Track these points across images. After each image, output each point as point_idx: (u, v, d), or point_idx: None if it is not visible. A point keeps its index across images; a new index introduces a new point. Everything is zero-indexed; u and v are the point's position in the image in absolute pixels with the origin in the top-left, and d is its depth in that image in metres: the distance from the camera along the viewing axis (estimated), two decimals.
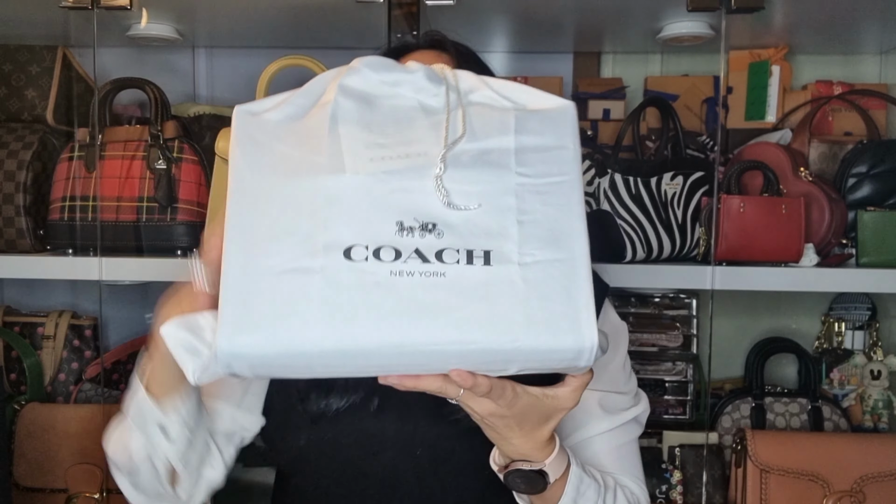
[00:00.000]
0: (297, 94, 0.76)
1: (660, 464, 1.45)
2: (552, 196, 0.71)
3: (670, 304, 1.59)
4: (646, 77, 1.74)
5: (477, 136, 0.72)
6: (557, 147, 0.73)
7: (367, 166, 0.70)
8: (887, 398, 1.56)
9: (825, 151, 1.51)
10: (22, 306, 1.71)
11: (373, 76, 0.75)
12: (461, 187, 0.70)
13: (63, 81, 1.53)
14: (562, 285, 0.69)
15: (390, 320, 0.65)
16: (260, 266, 0.67)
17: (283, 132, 0.73)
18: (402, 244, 0.67)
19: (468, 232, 0.69)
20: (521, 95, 0.77)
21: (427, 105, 0.74)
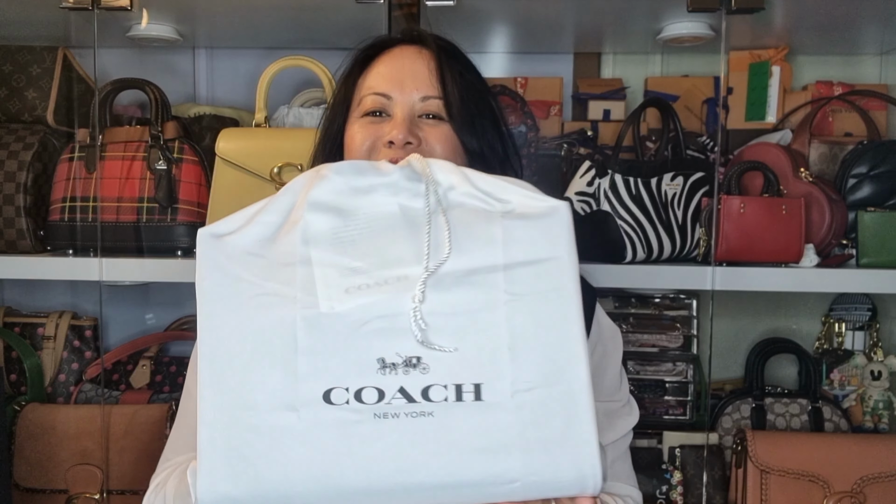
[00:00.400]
0: (265, 209, 0.69)
1: (660, 464, 1.45)
2: (546, 315, 0.65)
3: (670, 304, 1.59)
4: (646, 78, 1.74)
5: (462, 252, 0.65)
6: (550, 258, 0.66)
7: (342, 299, 0.64)
8: (888, 399, 1.56)
9: (825, 152, 1.51)
10: (22, 307, 1.71)
11: (343, 183, 0.68)
12: (444, 314, 0.64)
13: (63, 82, 1.53)
14: (560, 416, 0.63)
15: (377, 466, 0.62)
16: (236, 412, 0.64)
17: (252, 260, 0.67)
18: (385, 383, 0.63)
19: (456, 364, 0.63)
20: (506, 192, 0.69)
21: (408, 209, 0.68)
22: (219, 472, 0.63)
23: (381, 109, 0.91)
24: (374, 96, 0.91)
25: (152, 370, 1.60)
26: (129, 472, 1.42)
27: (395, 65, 0.92)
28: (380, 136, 0.90)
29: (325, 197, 0.68)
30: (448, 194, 0.69)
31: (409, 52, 0.93)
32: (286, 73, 1.39)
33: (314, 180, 0.69)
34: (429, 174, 0.69)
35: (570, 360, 0.65)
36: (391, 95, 0.90)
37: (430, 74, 0.91)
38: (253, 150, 1.33)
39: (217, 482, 0.63)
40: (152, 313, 1.82)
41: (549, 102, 1.66)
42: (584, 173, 1.38)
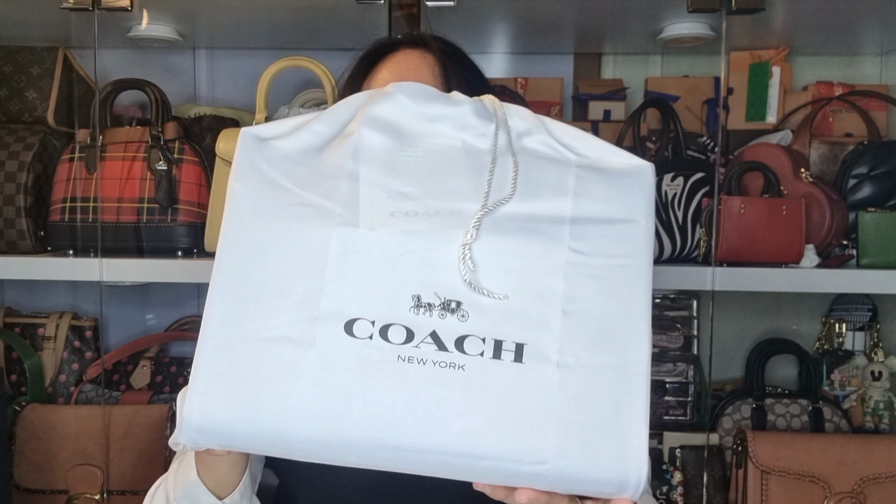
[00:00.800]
0: (317, 118, 0.63)
1: (660, 465, 1.45)
2: (611, 283, 0.57)
3: (671, 304, 1.59)
4: (646, 78, 1.74)
5: (526, 195, 0.58)
6: (625, 220, 0.59)
7: (386, 221, 0.58)
8: (888, 399, 1.56)
9: (826, 152, 1.51)
10: (22, 307, 1.71)
11: (410, 106, 0.62)
12: (498, 260, 0.57)
13: (64, 82, 1.53)
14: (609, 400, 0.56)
15: (391, 416, 0.55)
16: (245, 327, 0.57)
17: (294, 166, 0.61)
18: (417, 324, 0.56)
19: (500, 317, 0.56)
20: (588, 146, 0.62)
21: (472, 146, 0.61)
22: (214, 392, 0.56)
23: None
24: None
25: (153, 371, 1.60)
26: (130, 473, 1.42)
27: (398, 71, 0.91)
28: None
29: (385, 114, 0.62)
30: (521, 139, 0.62)
31: (413, 56, 0.92)
32: (286, 73, 1.39)
33: (377, 96, 0.63)
34: (501, 114, 0.63)
35: (630, 337, 0.57)
36: None
37: (434, 81, 0.90)
38: None
39: (209, 403, 0.56)
40: (153, 314, 1.82)
41: (549, 103, 1.66)
42: None
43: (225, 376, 0.56)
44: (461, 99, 0.63)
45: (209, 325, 0.58)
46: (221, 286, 0.58)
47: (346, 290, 0.57)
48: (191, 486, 0.76)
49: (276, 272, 0.58)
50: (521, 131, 0.63)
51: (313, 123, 0.63)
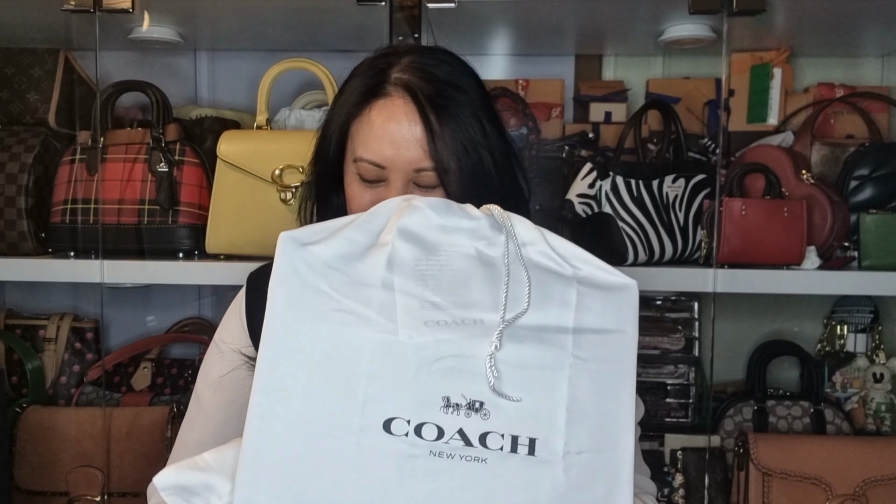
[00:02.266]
0: (351, 226, 0.68)
1: (662, 467, 1.45)
2: (604, 384, 0.66)
3: (672, 306, 1.59)
4: (647, 80, 1.74)
5: (537, 308, 0.66)
6: (616, 331, 0.68)
7: (421, 330, 0.64)
8: (890, 401, 1.55)
9: (827, 154, 1.50)
10: (23, 309, 1.71)
11: (434, 218, 0.69)
12: (514, 366, 0.65)
13: (65, 84, 1.53)
14: (603, 485, 0.65)
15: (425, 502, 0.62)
16: (290, 425, 0.62)
17: (332, 272, 0.66)
18: (447, 422, 0.63)
19: (515, 415, 0.64)
20: (582, 261, 0.70)
21: (484, 255, 0.68)
22: (261, 483, 0.61)
23: (377, 178, 0.88)
24: (368, 165, 0.88)
25: (153, 372, 1.60)
26: (130, 475, 1.42)
27: (387, 129, 0.87)
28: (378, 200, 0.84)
29: (414, 227, 0.68)
30: (525, 249, 0.70)
31: (401, 110, 0.87)
32: (287, 75, 1.39)
33: (405, 208, 0.69)
34: (509, 226, 0.70)
35: (620, 430, 0.66)
36: (385, 165, 0.87)
37: (420, 148, 0.86)
38: (254, 152, 1.33)
39: (257, 495, 0.61)
40: (153, 315, 1.82)
41: (550, 104, 1.66)
42: (585, 175, 1.38)
43: (271, 469, 0.61)
44: (478, 214, 0.70)
45: (254, 420, 0.63)
46: (266, 384, 0.63)
47: (384, 392, 0.63)
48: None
49: (319, 373, 0.63)
50: (524, 241, 0.70)
51: (349, 230, 0.68)
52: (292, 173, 1.31)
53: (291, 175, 1.31)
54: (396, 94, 0.89)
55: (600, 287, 0.69)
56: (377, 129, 0.88)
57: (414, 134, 0.86)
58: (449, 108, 0.88)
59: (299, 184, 1.30)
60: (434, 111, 0.87)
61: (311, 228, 0.69)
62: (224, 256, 1.37)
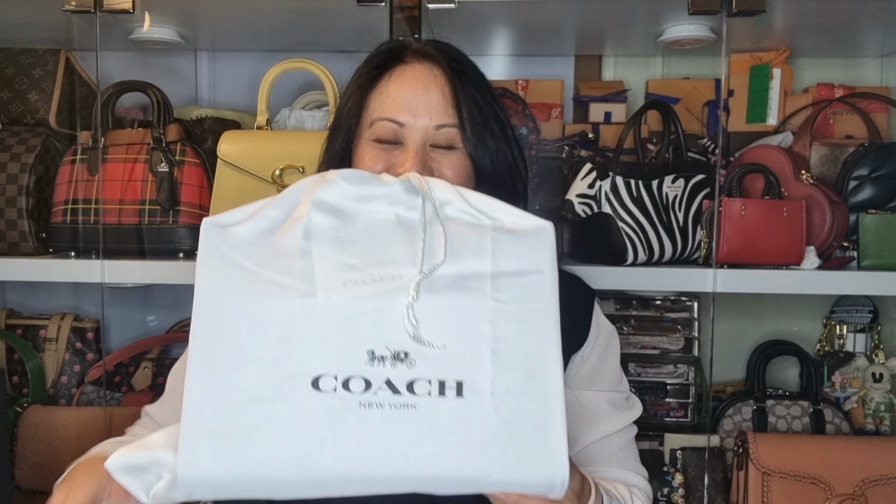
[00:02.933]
0: (269, 205, 0.73)
1: (661, 466, 1.45)
2: (527, 323, 0.69)
3: (672, 306, 1.59)
4: (647, 80, 1.74)
5: (453, 258, 0.70)
6: (534, 272, 0.71)
7: (339, 291, 0.68)
8: (889, 401, 1.56)
9: (826, 154, 1.51)
10: (24, 309, 1.71)
11: (349, 188, 0.73)
12: (435, 315, 0.68)
13: (66, 85, 1.54)
14: (534, 418, 0.67)
15: (358, 454, 0.64)
16: (223, 394, 0.65)
17: (252, 248, 0.70)
18: (373, 374, 0.65)
19: (441, 361, 0.66)
20: (498, 211, 0.74)
21: (403, 218, 0.72)
22: (201, 450, 0.64)
23: (393, 138, 0.90)
24: (387, 123, 0.89)
25: (154, 372, 1.61)
26: None
27: (407, 88, 0.90)
28: (392, 164, 0.89)
29: (329, 198, 0.72)
30: (443, 209, 0.74)
31: (422, 72, 0.91)
32: (288, 75, 1.39)
33: (320, 183, 0.73)
34: (426, 189, 0.74)
35: (546, 366, 0.68)
36: (404, 122, 0.89)
37: (444, 101, 0.89)
38: (255, 152, 1.33)
39: (199, 460, 0.64)
40: (154, 315, 1.82)
41: (550, 105, 1.66)
42: (585, 175, 1.38)
43: (210, 436, 0.65)
44: (391, 181, 0.74)
45: (191, 393, 0.66)
46: (199, 358, 0.67)
47: (309, 351, 0.66)
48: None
49: (246, 343, 0.67)
50: (442, 201, 0.74)
51: (266, 210, 0.72)
52: (292, 173, 1.31)
53: (291, 175, 1.31)
54: (415, 60, 0.92)
55: (515, 232, 0.72)
56: (397, 90, 0.91)
57: (435, 92, 0.90)
58: (466, 72, 0.93)
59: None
60: (454, 73, 0.91)
61: (231, 212, 0.73)
62: None
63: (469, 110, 0.90)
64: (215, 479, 0.64)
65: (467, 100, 0.90)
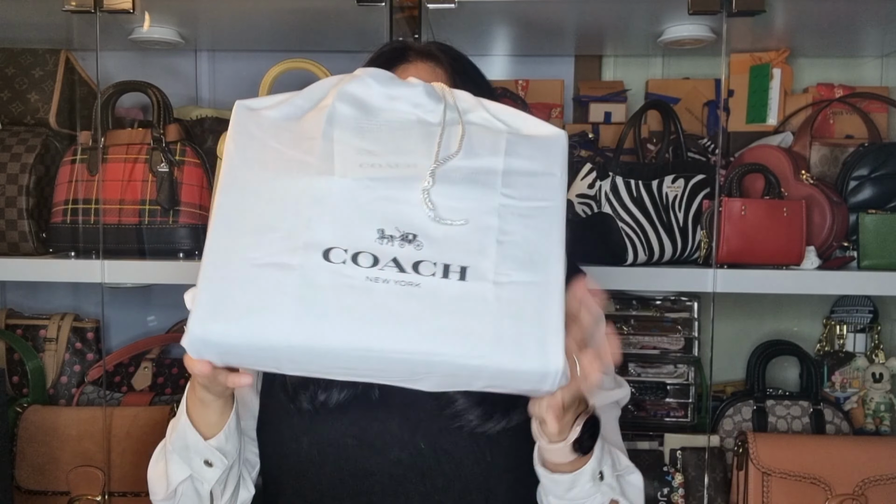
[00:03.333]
0: (297, 95, 0.77)
1: (661, 466, 1.45)
2: (534, 220, 0.72)
3: (672, 306, 1.59)
4: (647, 80, 1.74)
5: (468, 154, 0.73)
6: (545, 173, 0.74)
7: (355, 171, 0.71)
8: (889, 401, 1.56)
9: (826, 154, 1.51)
10: (24, 309, 1.71)
11: (375, 86, 0.76)
12: (447, 202, 0.71)
13: (66, 85, 1.54)
14: (534, 308, 0.69)
15: (361, 324, 0.67)
16: (240, 256, 0.69)
17: (279, 130, 0.75)
18: (381, 251, 0.69)
19: (447, 246, 0.70)
20: (516, 120, 0.77)
21: (424, 120, 0.76)
22: (214, 310, 0.67)
23: None
24: None
25: (154, 372, 1.60)
26: (131, 474, 1.42)
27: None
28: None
29: (355, 91, 0.76)
30: (465, 114, 0.77)
31: (424, 70, 0.95)
32: (288, 75, 1.39)
33: (348, 78, 0.77)
34: (450, 96, 0.77)
35: (549, 260, 0.71)
36: None
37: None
38: None
39: (209, 319, 0.67)
40: (154, 315, 1.82)
41: (550, 105, 1.67)
42: (585, 175, 1.38)
43: (224, 297, 0.68)
44: (416, 82, 0.77)
45: (210, 254, 0.70)
46: (220, 223, 0.71)
47: (323, 225, 0.69)
48: (181, 430, 0.87)
49: (265, 212, 0.70)
50: (464, 109, 0.77)
51: (295, 98, 0.77)
52: None
53: None
54: (418, 59, 0.97)
55: (531, 137, 0.75)
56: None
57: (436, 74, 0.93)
58: (468, 72, 0.97)
59: None
60: (455, 72, 0.95)
61: (262, 99, 0.77)
62: None
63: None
64: (224, 338, 0.67)
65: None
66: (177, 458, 0.89)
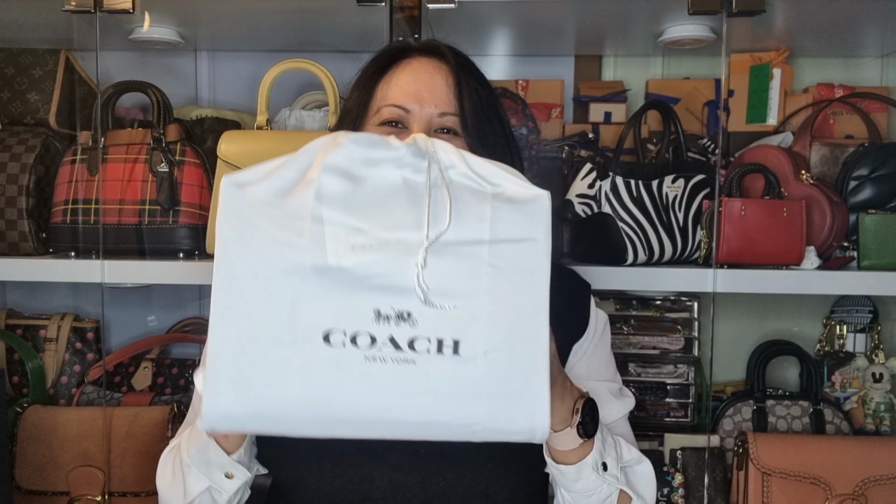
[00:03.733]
0: (284, 166, 0.78)
1: (661, 467, 1.45)
2: (521, 287, 0.75)
3: (672, 306, 1.59)
4: (647, 80, 1.74)
5: (456, 224, 0.75)
6: (529, 239, 0.76)
7: (347, 255, 0.73)
8: (889, 401, 1.56)
9: (826, 154, 1.51)
10: (24, 309, 1.71)
11: (358, 151, 0.77)
12: (436, 277, 0.73)
13: (66, 85, 1.54)
14: (522, 375, 0.73)
15: (362, 401, 0.72)
16: (242, 341, 0.73)
17: (268, 209, 0.76)
18: (378, 331, 0.72)
19: (440, 321, 0.73)
20: (497, 178, 0.78)
21: (410, 181, 0.77)
22: (223, 393, 0.72)
23: (399, 121, 0.94)
24: (393, 108, 0.94)
25: (154, 372, 1.60)
26: (131, 474, 1.42)
27: (414, 78, 0.95)
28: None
29: (339, 162, 0.76)
30: (447, 172, 0.78)
31: (429, 65, 0.96)
32: (288, 75, 1.39)
33: (332, 145, 0.77)
34: (432, 151, 0.78)
35: (535, 327, 0.74)
36: (410, 109, 0.94)
37: (448, 91, 0.94)
38: (255, 152, 1.33)
39: (220, 399, 0.72)
40: (154, 315, 1.82)
41: (550, 105, 1.66)
42: (585, 175, 1.38)
43: (230, 379, 0.72)
44: (397, 144, 0.78)
45: (213, 339, 0.73)
46: (220, 308, 0.73)
47: (320, 309, 0.72)
48: (203, 445, 0.89)
49: (263, 295, 0.73)
50: (447, 164, 0.78)
51: (282, 170, 0.77)
52: None
53: None
54: (421, 55, 0.98)
55: (513, 200, 0.77)
56: (404, 79, 0.96)
57: (439, 81, 0.95)
58: (470, 68, 0.98)
59: None
60: (458, 66, 0.96)
61: (249, 170, 0.77)
62: None
63: (471, 102, 0.95)
64: (235, 416, 0.72)
65: (470, 93, 0.95)
66: (196, 472, 0.91)
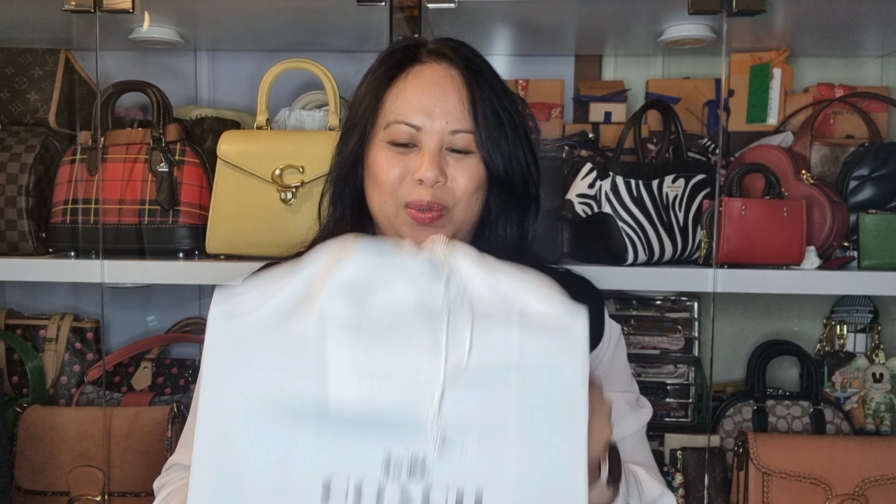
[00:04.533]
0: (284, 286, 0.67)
1: (661, 467, 1.45)
2: (554, 431, 0.64)
3: (672, 306, 1.59)
4: (647, 80, 1.74)
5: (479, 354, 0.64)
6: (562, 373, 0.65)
7: (354, 387, 0.63)
8: (889, 401, 1.55)
9: (827, 154, 1.51)
10: (24, 309, 1.71)
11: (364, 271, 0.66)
12: (457, 411, 0.62)
13: (65, 85, 1.54)
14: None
15: None
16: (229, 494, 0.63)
17: (264, 338, 0.65)
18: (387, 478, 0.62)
19: (461, 467, 0.62)
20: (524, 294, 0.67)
21: (424, 304, 0.66)
22: None
23: (409, 141, 0.89)
24: (403, 126, 0.89)
25: (154, 372, 1.60)
26: (131, 474, 1.42)
27: (424, 90, 0.89)
28: (408, 169, 0.89)
29: (345, 281, 0.66)
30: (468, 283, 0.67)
31: (439, 73, 0.90)
32: (288, 75, 1.39)
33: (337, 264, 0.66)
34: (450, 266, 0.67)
35: (570, 481, 0.63)
36: (420, 126, 0.88)
37: (461, 105, 0.89)
38: (254, 152, 1.33)
39: None
40: (154, 315, 1.82)
41: (550, 105, 1.66)
42: (585, 175, 1.38)
43: None
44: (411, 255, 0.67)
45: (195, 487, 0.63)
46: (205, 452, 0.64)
47: (321, 451, 0.63)
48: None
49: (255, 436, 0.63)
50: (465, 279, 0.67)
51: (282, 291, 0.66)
52: (292, 173, 1.31)
53: (291, 175, 1.31)
54: (432, 60, 0.92)
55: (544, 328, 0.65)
56: (413, 92, 0.90)
57: (452, 96, 0.89)
58: (483, 73, 0.93)
59: (299, 183, 1.30)
60: (472, 75, 0.90)
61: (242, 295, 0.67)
62: (224, 256, 1.37)
63: (485, 114, 0.89)
64: None
65: (483, 103, 0.90)
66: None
